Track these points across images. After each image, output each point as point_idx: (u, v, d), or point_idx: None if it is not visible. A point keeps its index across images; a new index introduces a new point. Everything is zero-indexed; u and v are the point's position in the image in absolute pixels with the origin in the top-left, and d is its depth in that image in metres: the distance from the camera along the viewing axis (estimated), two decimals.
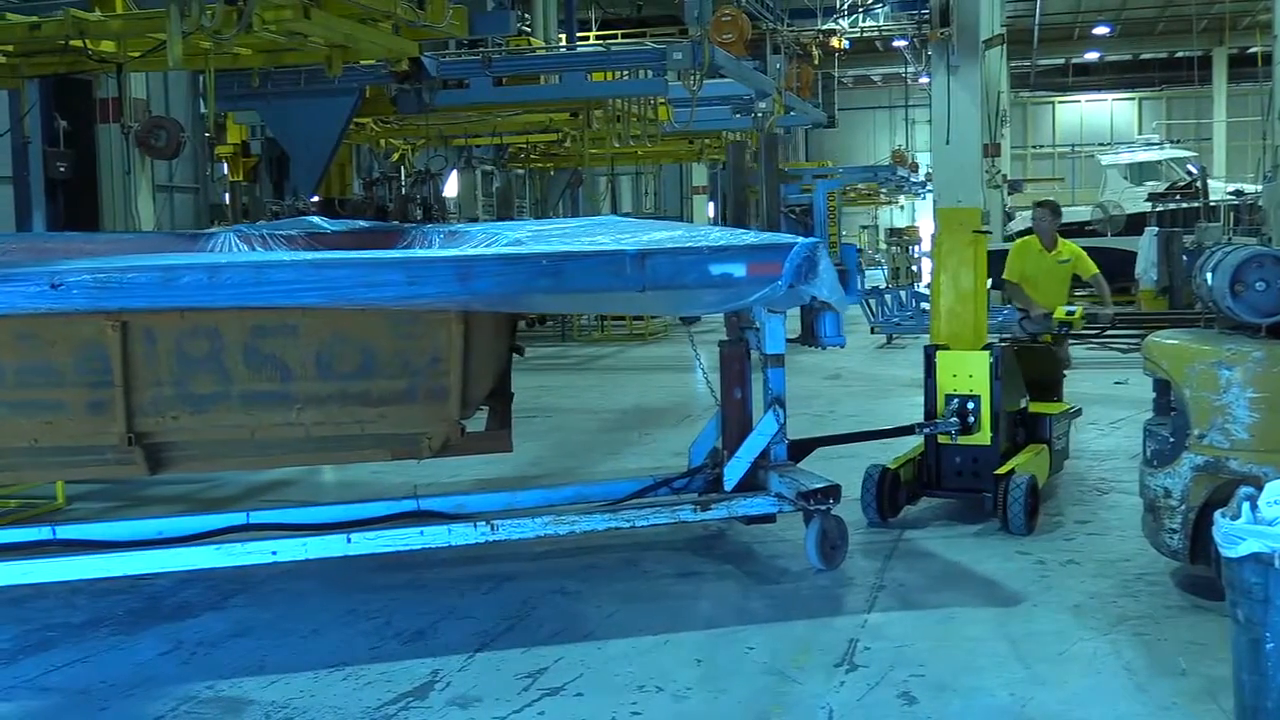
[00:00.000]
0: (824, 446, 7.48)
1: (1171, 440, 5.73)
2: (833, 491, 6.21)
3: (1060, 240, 9.42)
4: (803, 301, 6.39)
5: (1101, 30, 44.84)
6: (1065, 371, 8.93)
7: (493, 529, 5.92)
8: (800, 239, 6.20)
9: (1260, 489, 3.85)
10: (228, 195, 17.87)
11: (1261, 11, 36.06)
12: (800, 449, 7.02)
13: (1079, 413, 8.70)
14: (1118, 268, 21.25)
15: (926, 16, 18.58)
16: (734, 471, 6.56)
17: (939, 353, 7.32)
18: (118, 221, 13.33)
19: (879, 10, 38.96)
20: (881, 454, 7.73)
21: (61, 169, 13.63)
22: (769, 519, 6.76)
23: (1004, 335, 9.01)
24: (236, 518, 6.49)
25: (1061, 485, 8.20)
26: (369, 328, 6.00)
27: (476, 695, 4.78)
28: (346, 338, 6.00)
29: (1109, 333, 16.85)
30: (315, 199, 15.63)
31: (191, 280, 5.51)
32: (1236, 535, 3.79)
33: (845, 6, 36.81)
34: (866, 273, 22.58)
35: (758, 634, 5.42)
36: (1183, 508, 5.61)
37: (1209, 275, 5.79)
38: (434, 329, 6.05)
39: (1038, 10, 35.17)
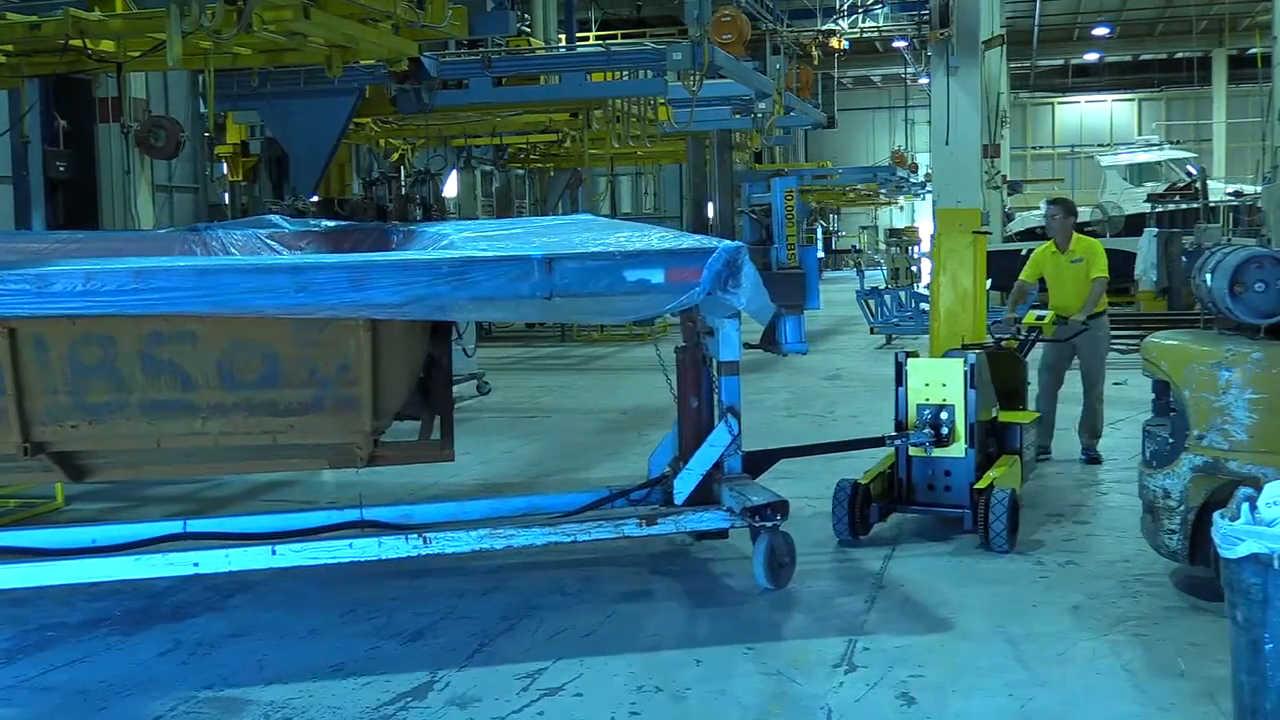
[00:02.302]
0: (789, 458, 7.27)
1: (1170, 441, 5.73)
2: (780, 507, 5.92)
3: (1077, 238, 9.07)
4: (728, 311, 6.05)
5: (1101, 31, 44.88)
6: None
7: (425, 542, 5.72)
8: (723, 243, 5.87)
9: (1259, 490, 3.85)
10: (227, 195, 17.89)
11: (1261, 13, 36.07)
12: (762, 461, 6.78)
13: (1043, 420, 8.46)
14: (1118, 269, 21.26)
15: (926, 17, 18.53)
16: (684, 484, 6.29)
17: (910, 360, 7.01)
18: (117, 221, 13.34)
19: (878, 11, 38.96)
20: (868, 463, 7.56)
21: (61, 169, 13.64)
22: (721, 534, 6.55)
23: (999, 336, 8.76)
24: (173, 526, 6.34)
25: (1061, 486, 8.21)
26: (271, 335, 5.78)
27: (475, 695, 4.78)
28: (248, 345, 5.80)
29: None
30: (315, 199, 15.61)
31: (66, 287, 5.30)
32: (1235, 536, 3.79)
33: (845, 7, 36.80)
34: (866, 273, 22.54)
35: (757, 635, 5.42)
36: (1182, 509, 5.61)
37: (1208, 276, 5.79)
38: (340, 336, 5.83)
39: (1037, 11, 35.20)
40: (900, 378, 7.00)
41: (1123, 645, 5.19)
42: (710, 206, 19.42)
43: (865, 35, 41.27)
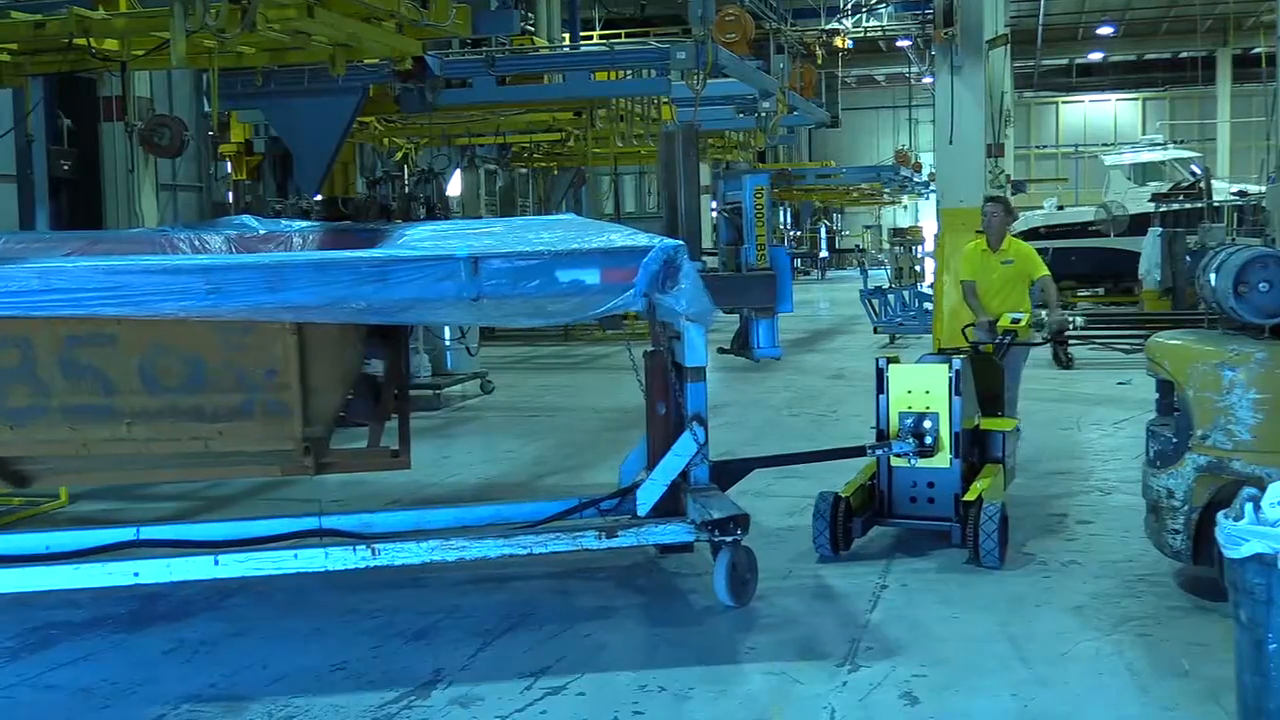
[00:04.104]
0: (764, 468, 7.10)
1: (1174, 441, 5.72)
2: (741, 521, 5.66)
3: (1009, 239, 8.95)
4: (672, 316, 5.73)
5: (1105, 30, 44.84)
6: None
7: (374, 553, 5.52)
8: (661, 241, 5.58)
9: (1263, 490, 3.84)
10: (231, 194, 17.90)
11: (1265, 12, 36.03)
12: (736, 471, 6.61)
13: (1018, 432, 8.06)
14: (1121, 268, 21.29)
15: (930, 16, 18.50)
16: (648, 495, 6.02)
17: (891, 366, 6.73)
18: (121, 220, 13.35)
19: (882, 10, 38.94)
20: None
21: (65, 167, 13.66)
22: (686, 548, 6.34)
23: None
24: (125, 533, 6.19)
25: (1063, 486, 8.20)
26: (193, 338, 5.57)
27: (478, 694, 4.78)
28: (169, 349, 5.61)
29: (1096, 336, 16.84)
30: (318, 198, 15.62)
31: None
32: (1239, 536, 3.78)
33: (849, 6, 36.79)
34: (870, 272, 22.53)
35: (760, 634, 5.42)
36: (1185, 508, 5.61)
37: (1212, 276, 5.78)
38: (267, 339, 5.62)
39: (1041, 10, 35.14)
40: (881, 384, 6.73)
41: (1126, 645, 5.18)
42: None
43: (869, 34, 41.25)
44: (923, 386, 6.66)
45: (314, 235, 7.44)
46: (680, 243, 5.66)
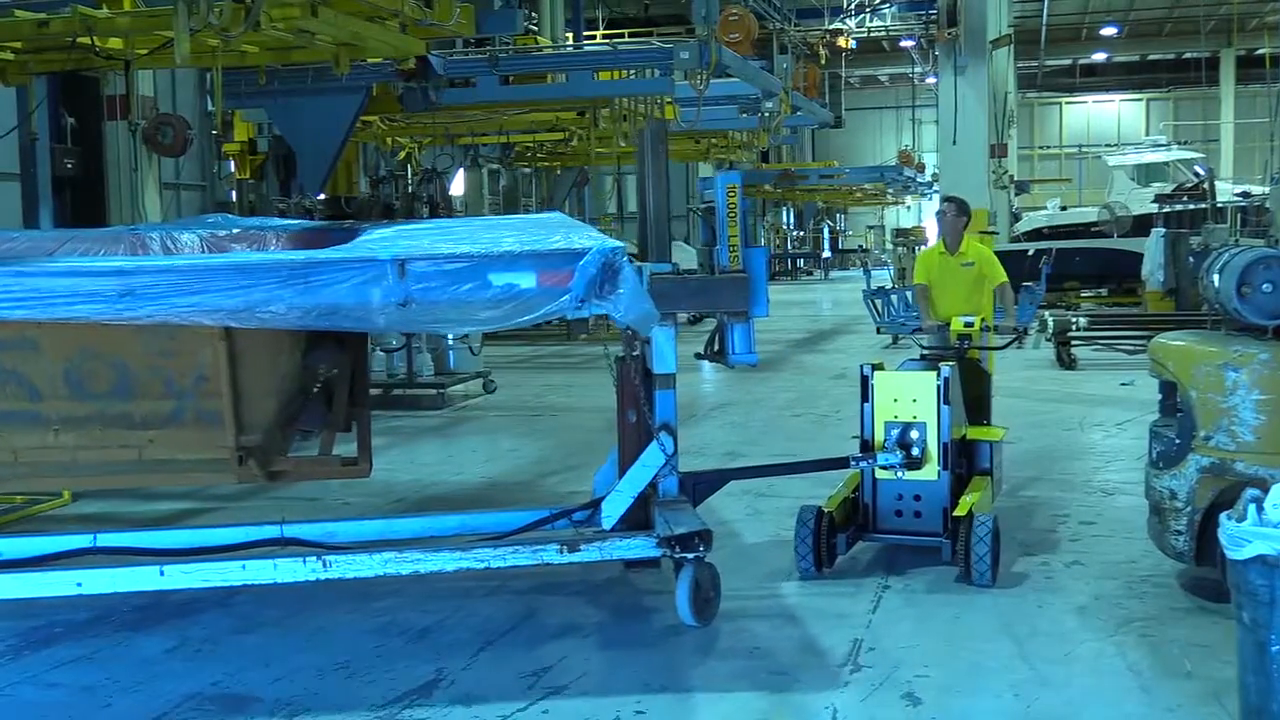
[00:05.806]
0: (740, 479, 6.98)
1: (1178, 442, 5.72)
2: (704, 537, 5.42)
3: (968, 241, 8.51)
4: (622, 323, 5.52)
5: (1109, 31, 44.84)
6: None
7: (324, 565, 5.33)
8: (599, 243, 5.36)
9: (1266, 491, 3.84)
10: (234, 193, 17.93)
11: (1270, 13, 36.05)
12: (710, 482, 6.44)
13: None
14: (1125, 269, 21.26)
15: (934, 17, 18.53)
16: (614, 507, 5.81)
17: (876, 374, 6.44)
18: (125, 218, 13.38)
19: (886, 10, 38.94)
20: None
21: (69, 166, 13.70)
22: (652, 563, 6.04)
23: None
24: (82, 540, 6.02)
25: (1067, 487, 8.19)
26: (120, 343, 5.44)
27: (481, 693, 4.78)
28: (96, 354, 5.49)
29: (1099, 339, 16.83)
30: (321, 197, 15.64)
31: None
32: (1242, 537, 3.78)
33: (852, 6, 36.79)
34: (872, 273, 22.52)
35: (762, 635, 5.42)
36: (1189, 509, 5.60)
37: (1216, 277, 5.77)
38: (195, 345, 5.48)
39: (1045, 11, 35.17)
40: (866, 392, 6.42)
41: (1129, 646, 5.18)
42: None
43: (873, 35, 41.25)
44: (909, 395, 6.36)
45: (288, 234, 7.24)
46: (620, 245, 5.38)
